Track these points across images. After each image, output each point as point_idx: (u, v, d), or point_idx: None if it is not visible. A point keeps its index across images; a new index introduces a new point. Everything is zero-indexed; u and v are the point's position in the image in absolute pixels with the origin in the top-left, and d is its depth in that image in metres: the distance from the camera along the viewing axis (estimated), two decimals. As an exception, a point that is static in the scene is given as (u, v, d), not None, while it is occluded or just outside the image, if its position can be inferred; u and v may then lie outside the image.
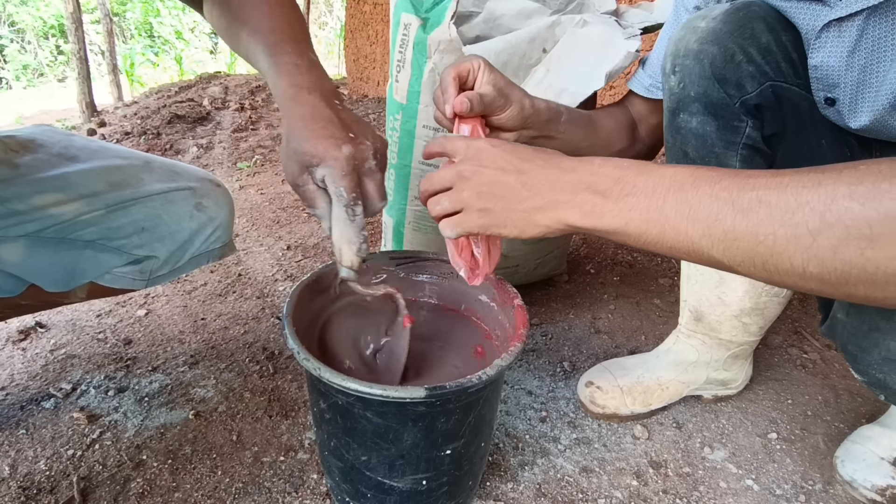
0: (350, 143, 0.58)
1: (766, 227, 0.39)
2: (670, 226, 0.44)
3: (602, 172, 0.48)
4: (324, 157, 0.57)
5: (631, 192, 0.46)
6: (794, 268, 0.39)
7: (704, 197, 0.42)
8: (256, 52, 0.66)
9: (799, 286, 0.41)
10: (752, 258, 0.41)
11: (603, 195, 0.48)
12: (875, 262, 0.36)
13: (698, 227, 0.43)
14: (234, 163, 2.49)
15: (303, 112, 0.59)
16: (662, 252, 0.47)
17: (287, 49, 0.64)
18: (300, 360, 0.58)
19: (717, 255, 0.43)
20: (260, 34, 0.66)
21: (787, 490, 0.81)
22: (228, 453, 0.83)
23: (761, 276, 0.42)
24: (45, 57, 9.20)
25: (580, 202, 0.49)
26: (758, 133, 0.73)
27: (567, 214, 0.49)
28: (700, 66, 0.71)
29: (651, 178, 0.46)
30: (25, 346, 1.08)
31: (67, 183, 0.72)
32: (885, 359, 0.61)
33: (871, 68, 0.62)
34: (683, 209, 0.43)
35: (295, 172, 0.59)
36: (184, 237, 0.80)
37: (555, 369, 1.06)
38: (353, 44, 4.47)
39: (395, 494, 0.64)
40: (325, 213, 0.60)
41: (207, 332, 1.14)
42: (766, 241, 0.40)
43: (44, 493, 0.76)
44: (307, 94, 0.60)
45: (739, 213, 0.41)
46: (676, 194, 0.44)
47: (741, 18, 0.69)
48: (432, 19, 0.97)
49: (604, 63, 0.90)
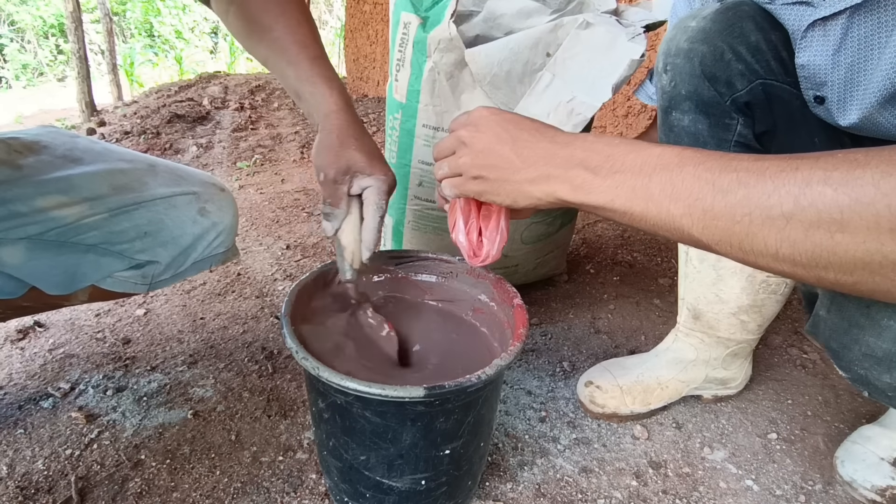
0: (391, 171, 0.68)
1: (743, 207, 0.40)
2: (654, 203, 0.45)
3: (594, 149, 0.49)
4: (374, 172, 0.66)
5: (619, 170, 0.47)
6: (767, 249, 0.40)
7: (688, 177, 0.43)
8: (281, 63, 0.71)
9: (772, 268, 0.42)
10: (729, 238, 0.42)
11: (593, 171, 0.49)
12: (844, 246, 0.37)
13: (680, 205, 0.44)
14: (234, 162, 2.49)
15: (357, 127, 0.67)
16: (646, 229, 0.47)
17: (327, 65, 0.70)
18: (299, 360, 0.57)
19: (697, 234, 0.44)
20: (288, 47, 0.70)
21: (786, 490, 0.81)
22: (227, 453, 0.83)
23: (737, 256, 0.43)
24: (45, 56, 9.20)
25: (571, 177, 0.50)
26: (749, 130, 0.74)
27: (558, 188, 0.51)
28: (690, 64, 0.72)
29: (639, 157, 0.47)
30: (24, 345, 1.08)
31: (71, 185, 0.72)
32: (865, 355, 0.61)
33: (858, 67, 0.63)
34: (667, 188, 0.44)
35: (339, 170, 0.66)
36: (186, 242, 0.79)
37: (554, 369, 1.05)
38: (352, 43, 4.47)
39: (393, 494, 0.64)
40: (341, 215, 0.68)
41: (206, 332, 1.14)
42: (743, 221, 0.41)
43: (42, 492, 0.76)
44: (354, 114, 0.68)
45: (719, 194, 0.41)
46: (662, 173, 0.45)
47: (730, 18, 0.70)
48: (432, 18, 0.97)
49: (609, 72, 0.90)
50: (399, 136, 1.08)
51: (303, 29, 0.72)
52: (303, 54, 0.70)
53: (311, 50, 0.71)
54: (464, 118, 0.58)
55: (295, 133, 2.98)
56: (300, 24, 0.72)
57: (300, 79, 0.69)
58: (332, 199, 0.67)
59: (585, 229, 1.72)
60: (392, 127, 1.09)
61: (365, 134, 0.68)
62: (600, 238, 1.66)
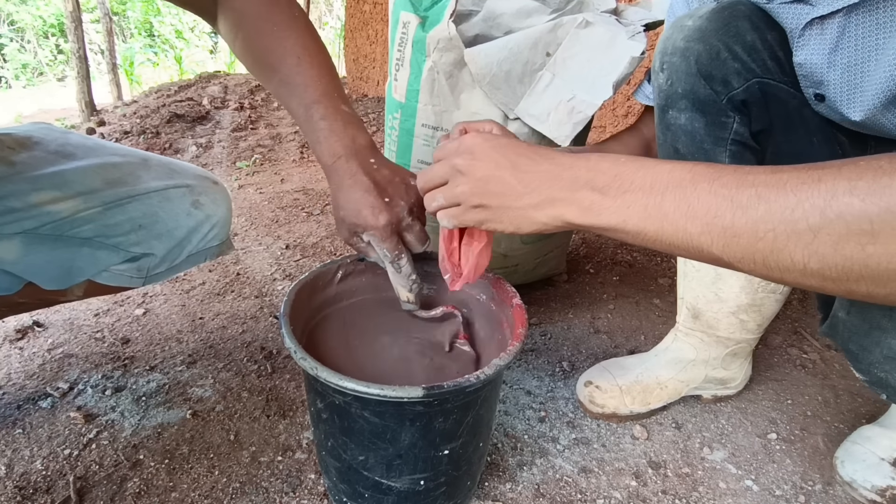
0: (386, 209, 0.65)
1: (766, 223, 0.39)
2: (669, 222, 0.44)
3: (599, 168, 0.48)
4: (366, 227, 0.66)
5: (629, 189, 0.46)
6: (794, 264, 0.39)
7: (703, 193, 0.42)
8: (290, 104, 0.70)
9: (800, 283, 0.40)
10: (752, 255, 0.41)
11: (601, 192, 0.47)
12: (877, 258, 0.36)
13: (697, 223, 0.42)
14: (234, 162, 2.49)
15: (343, 182, 0.66)
16: (661, 249, 0.46)
17: (321, 111, 0.68)
18: (297, 360, 0.57)
19: (717, 252, 0.42)
20: (292, 87, 0.70)
21: (786, 491, 0.81)
22: (226, 453, 0.83)
23: (762, 273, 0.42)
24: (45, 56, 9.19)
25: (578, 199, 0.48)
26: (745, 129, 0.74)
27: (565, 211, 0.49)
28: (686, 63, 0.72)
29: (649, 175, 0.45)
30: (23, 345, 1.08)
31: (64, 180, 0.72)
32: (886, 357, 0.61)
33: (856, 68, 0.63)
34: (682, 206, 0.43)
35: (346, 236, 0.69)
36: (181, 235, 0.79)
37: (554, 369, 1.05)
38: (352, 43, 4.47)
39: (392, 494, 0.64)
40: (379, 260, 0.70)
41: (205, 332, 1.14)
42: (766, 237, 0.39)
43: (40, 492, 0.75)
44: (345, 162, 0.66)
45: (739, 210, 0.40)
46: (675, 191, 0.43)
47: (726, 17, 0.71)
48: (431, 17, 0.97)
49: (610, 70, 0.90)
50: (398, 136, 1.07)
51: (304, 67, 0.69)
52: (304, 98, 0.68)
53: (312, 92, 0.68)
54: (454, 146, 0.55)
55: (295, 133, 2.98)
56: (302, 61, 0.69)
57: (304, 128, 0.69)
58: (359, 252, 0.71)
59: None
60: (391, 126, 1.09)
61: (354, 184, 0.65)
62: (600, 238, 1.66)
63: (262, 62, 0.72)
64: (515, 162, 0.51)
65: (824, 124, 0.73)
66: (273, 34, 0.71)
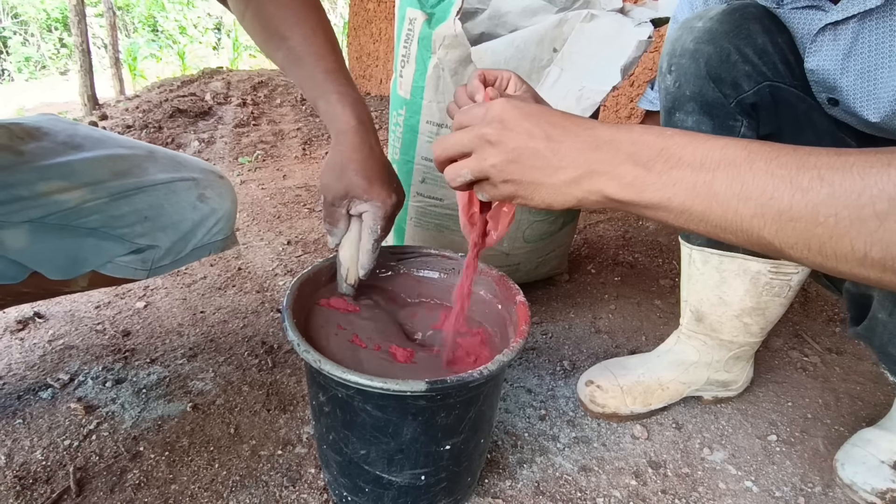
0: (395, 192, 0.67)
1: (828, 208, 0.37)
2: (718, 202, 0.41)
3: (643, 141, 0.44)
4: (372, 197, 0.65)
5: (676, 165, 0.42)
6: (854, 252, 0.37)
7: (759, 173, 0.39)
8: (297, 73, 0.71)
9: (855, 273, 0.38)
10: (808, 241, 0.38)
11: (645, 167, 0.44)
12: None
13: (750, 205, 0.39)
14: (236, 158, 2.49)
15: (363, 148, 0.66)
16: (704, 231, 0.43)
17: (343, 79, 0.70)
18: (300, 353, 0.57)
19: (769, 237, 0.40)
20: (304, 58, 0.70)
21: (786, 492, 0.81)
22: (226, 446, 0.83)
23: (815, 261, 0.39)
24: (48, 50, 9.19)
25: (620, 173, 0.44)
26: (753, 133, 0.74)
27: (604, 186, 0.45)
28: (696, 65, 0.72)
29: (699, 150, 0.42)
30: (24, 335, 1.08)
31: (72, 171, 0.72)
32: None
33: (870, 74, 0.62)
34: (735, 186, 0.40)
35: (338, 195, 0.66)
36: (186, 228, 0.79)
37: (555, 368, 1.05)
38: (356, 41, 4.47)
39: (393, 489, 0.64)
40: (340, 234, 0.70)
41: (206, 326, 1.14)
42: (827, 222, 0.37)
43: (40, 482, 0.75)
44: (365, 131, 0.66)
45: (798, 192, 0.38)
46: (728, 169, 0.40)
47: (737, 19, 0.70)
48: (438, 14, 0.97)
49: (617, 57, 0.89)
50: (403, 133, 1.07)
51: (319, 39, 0.70)
52: (318, 66, 0.69)
53: (327, 62, 0.69)
54: (480, 112, 0.50)
55: (297, 129, 2.98)
56: (316, 33, 0.71)
57: (315, 93, 0.69)
58: (329, 220, 0.69)
59: (587, 229, 1.72)
60: (396, 123, 1.09)
61: (372, 155, 0.66)
62: (602, 238, 1.66)
63: (273, 30, 0.72)
64: (550, 133, 0.47)
65: (833, 128, 0.73)
66: (286, 4, 0.71)
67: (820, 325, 1.25)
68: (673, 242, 1.62)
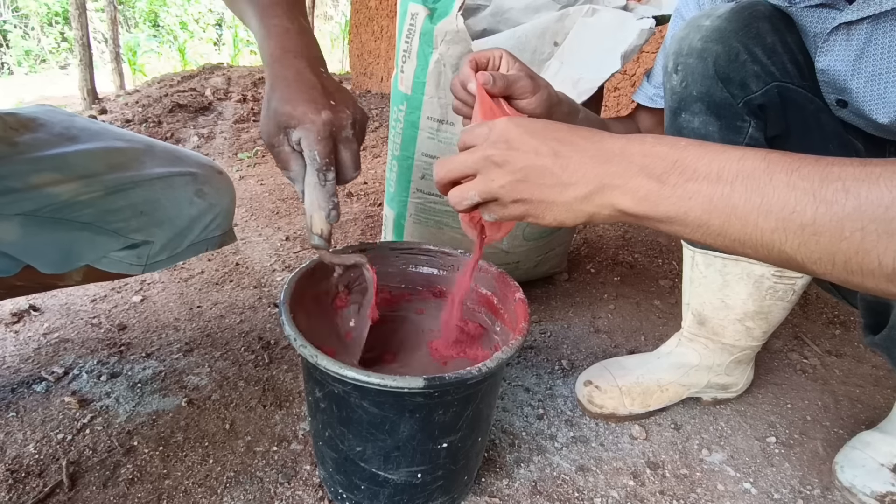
0: (330, 109, 0.58)
1: (854, 221, 0.35)
2: (737, 216, 0.39)
3: (655, 153, 0.43)
4: (301, 120, 0.57)
5: (692, 178, 0.41)
6: (882, 267, 0.35)
7: (780, 185, 0.38)
8: (248, 13, 0.66)
9: (882, 289, 0.37)
10: (833, 256, 0.37)
11: (658, 180, 0.42)
12: None
13: (771, 219, 0.38)
14: (235, 153, 2.48)
15: (286, 74, 0.59)
16: (722, 246, 0.42)
17: (278, 12, 0.63)
18: (297, 348, 0.57)
19: (790, 251, 0.38)
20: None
21: (785, 494, 0.80)
22: (221, 442, 0.82)
23: (840, 277, 0.38)
24: (49, 43, 9.17)
25: (633, 187, 0.43)
26: (761, 134, 0.72)
27: (617, 200, 0.44)
28: (704, 64, 0.70)
29: (715, 162, 0.40)
30: (18, 328, 1.07)
31: (66, 163, 0.71)
32: None
33: (882, 77, 0.61)
34: (754, 199, 0.38)
35: (272, 132, 0.59)
36: (183, 223, 0.78)
37: (553, 367, 1.05)
38: (357, 39, 4.46)
39: (389, 487, 0.63)
40: (299, 176, 0.61)
41: (203, 320, 1.13)
42: (853, 237, 0.35)
43: (32, 476, 0.75)
44: (293, 57, 0.60)
45: (822, 206, 0.36)
46: (746, 182, 0.39)
47: (746, 18, 0.68)
48: (440, 10, 0.96)
49: (618, 45, 0.88)
50: (403, 129, 1.07)
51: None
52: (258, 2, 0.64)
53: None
54: (483, 132, 0.49)
55: (297, 126, 2.97)
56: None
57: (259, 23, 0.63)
58: (279, 164, 0.62)
59: (587, 229, 1.71)
60: (396, 119, 1.08)
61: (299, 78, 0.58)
62: (601, 238, 1.65)
63: None
64: (557, 149, 0.46)
65: (841, 130, 0.72)
66: None
67: (820, 328, 1.25)
68: (673, 243, 1.62)
